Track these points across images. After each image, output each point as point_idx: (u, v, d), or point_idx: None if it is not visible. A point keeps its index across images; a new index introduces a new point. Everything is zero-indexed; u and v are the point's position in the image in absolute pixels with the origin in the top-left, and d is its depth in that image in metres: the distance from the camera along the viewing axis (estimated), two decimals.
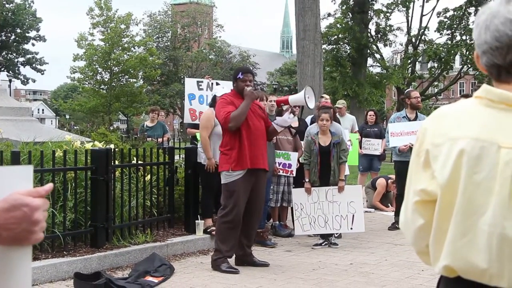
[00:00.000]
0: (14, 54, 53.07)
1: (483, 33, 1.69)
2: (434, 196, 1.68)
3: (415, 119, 9.17)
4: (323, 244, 7.95)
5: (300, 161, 8.44)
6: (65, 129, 16.45)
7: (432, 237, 1.70)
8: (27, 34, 52.68)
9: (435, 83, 39.12)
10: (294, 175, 8.49)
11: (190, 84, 9.48)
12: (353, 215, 7.90)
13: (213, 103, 8.02)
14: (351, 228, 7.99)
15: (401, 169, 8.78)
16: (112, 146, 8.00)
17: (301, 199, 8.00)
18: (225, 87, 8.45)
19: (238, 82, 6.73)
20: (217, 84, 9.44)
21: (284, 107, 7.40)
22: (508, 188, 1.59)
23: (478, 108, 1.68)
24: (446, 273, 1.68)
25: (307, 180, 7.98)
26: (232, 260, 6.80)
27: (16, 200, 1.31)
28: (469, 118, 1.67)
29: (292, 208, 8.92)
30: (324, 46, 29.36)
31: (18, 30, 51.93)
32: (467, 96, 10.45)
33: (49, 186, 1.39)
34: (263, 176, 6.79)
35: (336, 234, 8.20)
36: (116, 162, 7.23)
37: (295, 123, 9.04)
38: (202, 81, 9.62)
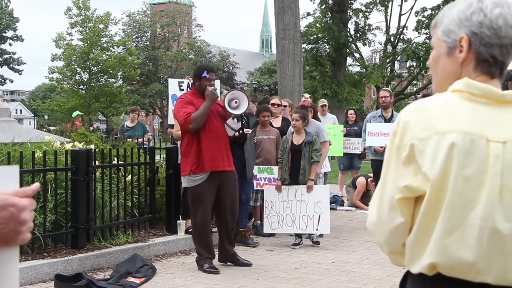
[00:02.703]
0: None
1: (509, 27, 1.67)
2: (418, 193, 1.65)
3: (391, 117, 9.18)
4: (300, 243, 7.96)
5: None
6: (44, 129, 16.31)
7: (413, 235, 1.67)
8: (4, 34, 52.18)
9: (414, 81, 39.46)
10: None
11: (173, 85, 9.42)
12: (320, 216, 7.85)
13: None
14: (317, 229, 7.97)
15: (378, 168, 8.78)
16: (92, 146, 7.95)
17: (271, 197, 8.02)
18: None
19: (202, 81, 6.51)
20: None
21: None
22: (499, 182, 1.59)
23: (460, 102, 1.66)
24: (428, 271, 1.66)
25: (278, 178, 8.01)
26: (215, 259, 6.80)
27: (2, 201, 1.30)
28: (454, 111, 1.65)
29: None
30: (303, 45, 29.44)
31: None
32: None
33: (35, 185, 1.38)
34: (231, 176, 6.65)
35: (317, 234, 8.21)
36: (97, 163, 7.18)
37: (277, 123, 9.07)
38: (183, 82, 9.59)
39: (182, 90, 9.27)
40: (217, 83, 7.92)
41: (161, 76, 56.69)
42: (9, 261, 1.35)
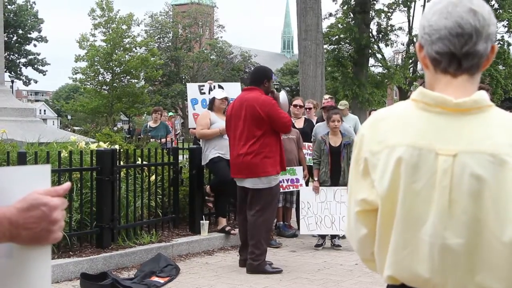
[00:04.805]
0: (16, 55, 53.10)
1: (443, 18, 1.62)
2: (375, 206, 1.64)
3: None
4: (323, 244, 7.95)
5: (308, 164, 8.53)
6: (69, 130, 16.48)
7: (376, 246, 1.67)
8: (29, 35, 52.71)
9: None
10: (304, 186, 8.47)
11: (192, 89, 9.45)
12: None
13: (211, 106, 8.04)
14: None
15: None
16: (117, 146, 8.02)
17: (308, 197, 7.96)
18: (224, 90, 8.46)
19: (270, 83, 6.77)
20: (219, 86, 9.45)
21: None
22: (447, 197, 1.54)
23: (414, 112, 1.62)
24: (390, 282, 1.66)
25: (316, 179, 7.97)
26: (236, 262, 6.84)
27: (35, 200, 1.31)
28: (406, 123, 1.61)
29: (296, 209, 8.94)
30: (325, 46, 29.39)
31: (20, 31, 51.94)
32: None
33: (67, 185, 1.39)
34: None
35: (341, 235, 8.19)
36: (121, 163, 7.24)
37: (299, 124, 9.06)
38: (203, 85, 9.60)
39: (204, 93, 9.27)
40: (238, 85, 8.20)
41: (183, 77, 56.85)
42: (42, 260, 1.37)
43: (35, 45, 53.79)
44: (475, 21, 1.62)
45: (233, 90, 9.00)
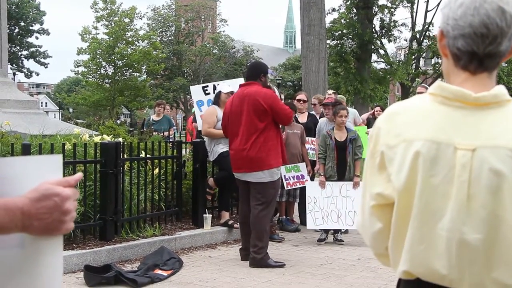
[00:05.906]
0: (18, 48, 53.09)
1: (469, 14, 1.57)
2: (391, 200, 1.63)
3: None
4: (326, 239, 7.95)
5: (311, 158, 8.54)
6: (72, 122, 16.46)
7: (391, 241, 1.66)
8: (30, 27, 52.73)
9: (439, 79, 39.05)
10: (310, 181, 8.47)
11: (196, 91, 9.39)
12: None
13: (217, 100, 8.02)
14: None
15: None
16: (120, 139, 8.02)
17: (314, 192, 7.96)
18: (230, 85, 8.44)
19: (266, 78, 6.85)
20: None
21: None
22: (466, 192, 1.53)
23: (433, 106, 1.60)
24: (406, 276, 1.65)
25: (322, 173, 7.98)
26: (239, 255, 6.85)
27: (47, 190, 1.31)
28: (424, 117, 1.59)
29: (298, 204, 8.96)
30: (328, 41, 29.34)
31: (22, 23, 51.96)
32: None
33: (78, 175, 1.39)
34: None
35: (343, 229, 8.20)
36: (125, 156, 7.24)
37: (303, 118, 9.06)
38: (207, 86, 9.56)
39: (208, 93, 9.20)
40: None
41: (185, 71, 56.84)
42: (53, 250, 1.37)
43: (37, 38, 53.86)
44: (502, 21, 1.57)
45: (237, 85, 8.98)
